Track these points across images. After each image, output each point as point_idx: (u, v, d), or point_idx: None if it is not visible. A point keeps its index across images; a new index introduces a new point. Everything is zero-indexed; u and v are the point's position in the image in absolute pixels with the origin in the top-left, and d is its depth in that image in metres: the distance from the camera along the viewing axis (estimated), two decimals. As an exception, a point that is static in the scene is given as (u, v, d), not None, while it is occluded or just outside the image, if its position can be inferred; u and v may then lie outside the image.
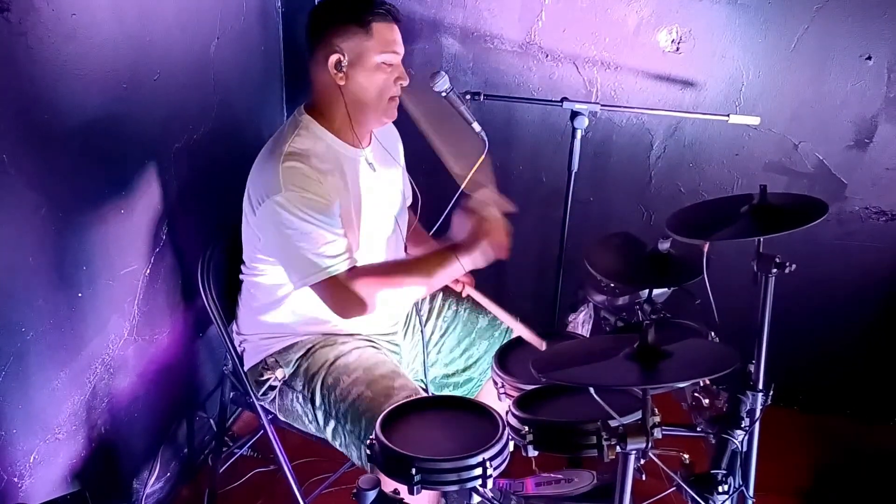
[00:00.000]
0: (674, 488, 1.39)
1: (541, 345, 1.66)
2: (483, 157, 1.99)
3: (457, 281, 1.82)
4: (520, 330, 1.75)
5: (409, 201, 2.02)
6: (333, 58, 1.64)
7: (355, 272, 1.63)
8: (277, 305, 1.78)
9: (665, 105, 2.33)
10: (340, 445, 1.70)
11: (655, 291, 1.64)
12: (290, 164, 1.60)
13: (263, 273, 1.76)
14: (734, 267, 1.59)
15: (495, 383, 1.61)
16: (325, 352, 1.77)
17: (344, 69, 1.64)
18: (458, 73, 2.42)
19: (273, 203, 1.58)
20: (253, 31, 2.27)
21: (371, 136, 1.82)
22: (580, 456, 1.39)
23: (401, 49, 1.70)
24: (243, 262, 1.82)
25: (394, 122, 1.88)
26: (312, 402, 1.72)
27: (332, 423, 1.69)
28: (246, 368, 1.83)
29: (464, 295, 1.89)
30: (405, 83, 1.71)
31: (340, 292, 1.62)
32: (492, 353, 1.72)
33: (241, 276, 1.84)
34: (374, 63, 1.65)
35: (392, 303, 1.74)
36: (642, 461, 1.23)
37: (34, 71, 1.45)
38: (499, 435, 1.32)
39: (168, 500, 2.15)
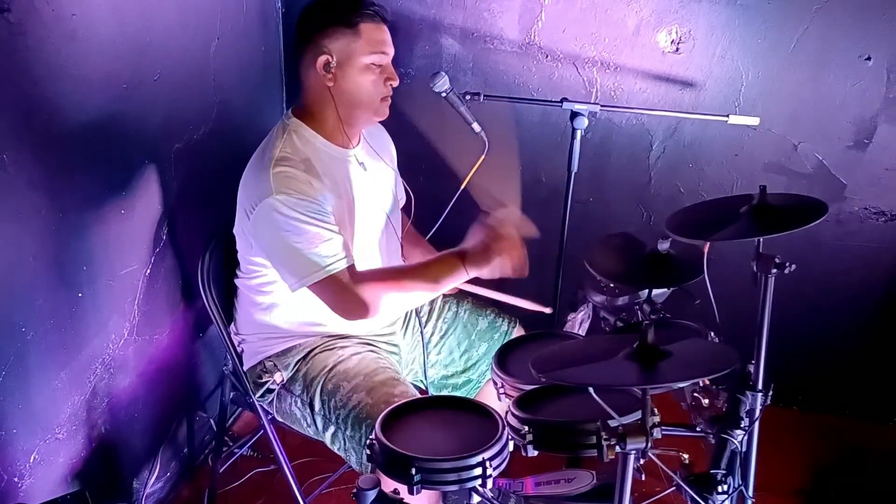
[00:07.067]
0: (673, 488, 1.39)
1: (545, 309, 1.78)
2: (483, 157, 2.00)
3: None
4: (522, 304, 1.83)
5: (403, 202, 2.02)
6: (322, 59, 1.64)
7: (359, 274, 1.63)
8: (273, 308, 1.78)
9: (665, 105, 2.33)
10: (339, 450, 1.70)
11: (655, 291, 1.63)
12: (280, 169, 1.60)
13: (258, 277, 1.76)
14: (734, 267, 1.59)
15: (495, 383, 1.61)
16: (324, 356, 1.77)
17: (332, 70, 1.65)
18: (458, 74, 2.42)
19: (267, 206, 1.58)
20: (253, 31, 2.27)
21: (360, 136, 1.82)
22: (580, 456, 1.39)
23: (390, 50, 1.69)
24: (238, 266, 1.82)
25: (390, 122, 1.88)
26: (311, 406, 1.72)
27: (331, 429, 1.69)
28: (245, 369, 1.83)
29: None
30: (395, 84, 1.71)
31: (341, 292, 1.61)
32: (491, 356, 1.72)
33: (236, 280, 1.85)
34: (362, 64, 1.65)
35: (396, 307, 1.73)
36: (642, 461, 1.23)
37: (34, 71, 1.45)
38: (498, 435, 1.32)
39: (168, 500, 2.15)
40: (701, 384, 1.46)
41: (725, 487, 1.38)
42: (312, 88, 1.70)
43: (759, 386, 1.44)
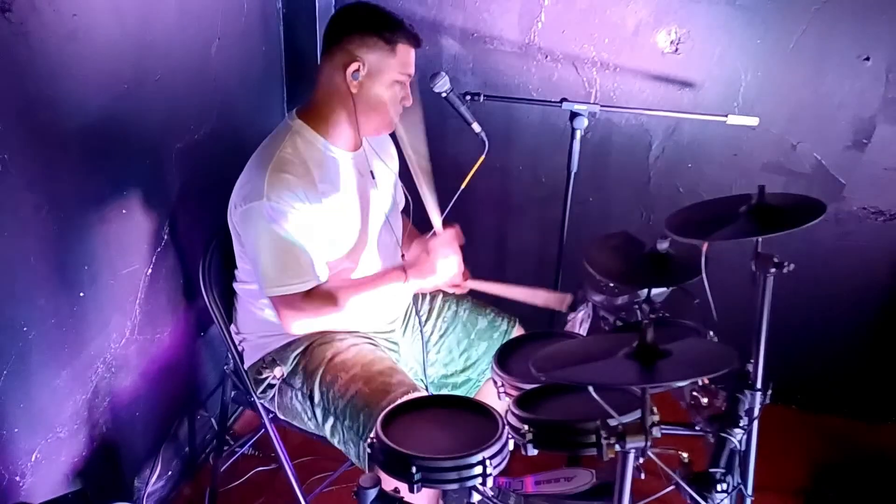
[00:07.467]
0: (673, 487, 1.39)
1: (564, 301, 1.76)
2: (483, 157, 2.00)
3: (457, 286, 1.84)
4: (537, 297, 1.79)
5: (402, 205, 2.03)
6: (353, 66, 1.66)
7: (312, 292, 1.67)
8: (272, 306, 1.79)
9: (664, 106, 2.33)
10: (339, 442, 1.71)
11: (654, 291, 1.64)
12: (279, 173, 1.62)
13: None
14: (733, 266, 1.59)
15: (495, 382, 1.62)
16: (323, 349, 1.78)
17: (360, 79, 1.67)
18: (459, 74, 2.43)
19: (255, 209, 1.61)
20: (254, 32, 2.27)
21: (362, 139, 1.83)
22: (579, 455, 1.39)
23: (413, 73, 1.74)
24: (236, 266, 1.83)
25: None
26: (311, 398, 1.73)
27: (330, 420, 1.70)
28: (245, 367, 1.84)
29: (461, 290, 1.89)
30: (409, 104, 1.75)
31: (291, 310, 1.67)
32: (490, 355, 1.73)
33: (235, 285, 1.86)
34: (389, 80, 1.69)
35: (340, 320, 1.76)
36: (641, 460, 1.24)
37: (35, 71, 1.46)
38: (498, 434, 1.33)
39: (169, 499, 2.16)
40: (700, 383, 1.46)
41: (724, 486, 1.38)
42: (329, 89, 1.71)
43: (758, 385, 1.44)
